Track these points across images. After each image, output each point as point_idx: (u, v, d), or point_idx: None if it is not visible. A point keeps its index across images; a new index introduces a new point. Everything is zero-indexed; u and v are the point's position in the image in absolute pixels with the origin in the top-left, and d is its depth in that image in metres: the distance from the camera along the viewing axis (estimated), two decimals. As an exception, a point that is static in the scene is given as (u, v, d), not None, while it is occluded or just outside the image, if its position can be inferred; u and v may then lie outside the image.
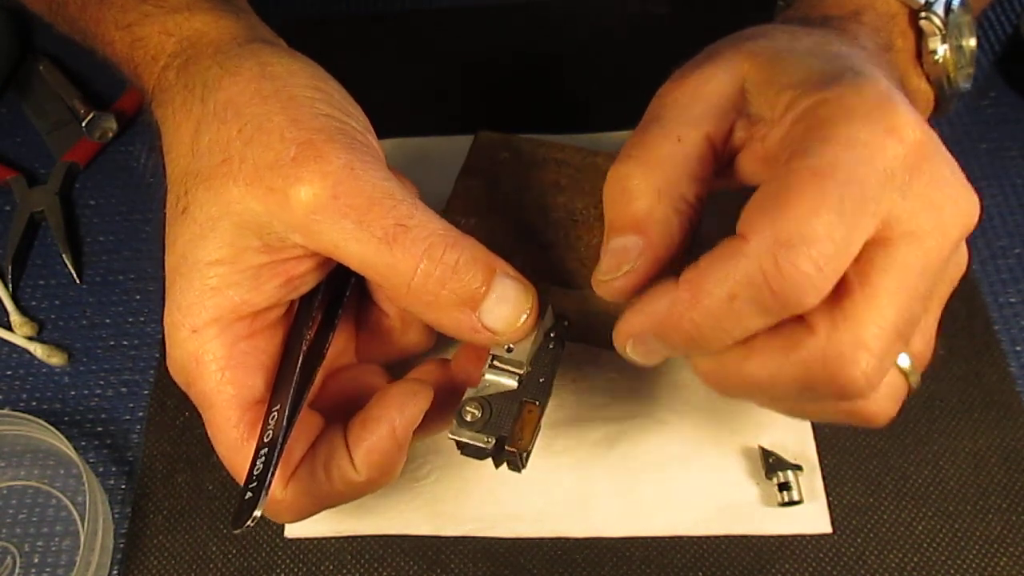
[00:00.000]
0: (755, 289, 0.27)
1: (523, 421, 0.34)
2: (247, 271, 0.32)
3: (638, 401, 0.44)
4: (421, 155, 0.54)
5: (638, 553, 0.40)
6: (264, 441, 0.32)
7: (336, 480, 0.33)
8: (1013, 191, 0.50)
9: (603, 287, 0.32)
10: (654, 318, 0.29)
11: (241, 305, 0.32)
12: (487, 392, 0.35)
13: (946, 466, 0.42)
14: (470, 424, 0.34)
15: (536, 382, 0.35)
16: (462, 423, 0.34)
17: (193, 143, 0.33)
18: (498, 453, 0.34)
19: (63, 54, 0.60)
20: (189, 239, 0.32)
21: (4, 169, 0.55)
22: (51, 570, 0.42)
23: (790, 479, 0.40)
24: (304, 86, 0.33)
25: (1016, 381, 0.44)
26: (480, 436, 0.34)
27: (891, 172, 0.27)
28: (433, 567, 0.40)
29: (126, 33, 0.38)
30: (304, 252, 0.32)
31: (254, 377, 0.33)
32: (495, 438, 0.34)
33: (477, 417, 0.34)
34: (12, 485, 0.45)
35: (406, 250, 0.31)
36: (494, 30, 0.60)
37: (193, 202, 0.32)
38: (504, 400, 0.34)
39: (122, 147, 0.57)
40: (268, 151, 0.31)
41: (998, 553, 0.39)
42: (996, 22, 0.58)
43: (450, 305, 0.32)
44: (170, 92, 0.35)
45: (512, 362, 0.35)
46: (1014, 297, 0.47)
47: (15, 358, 0.48)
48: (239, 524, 0.30)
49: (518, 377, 0.35)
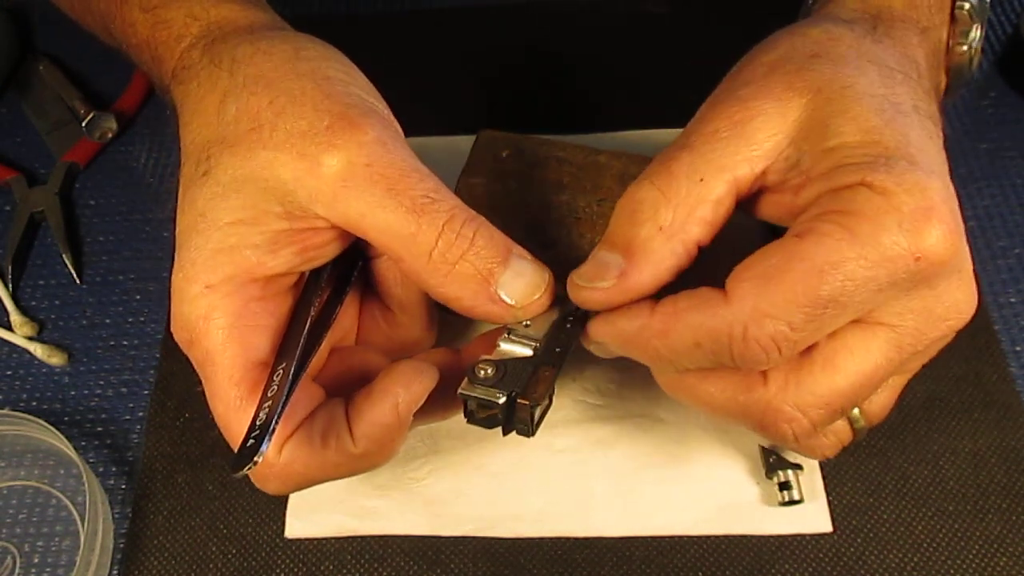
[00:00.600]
0: (719, 346, 0.30)
1: (538, 379, 0.33)
2: (266, 234, 0.33)
3: (638, 401, 0.44)
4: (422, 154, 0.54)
5: (638, 553, 0.40)
6: (267, 395, 0.32)
7: (332, 450, 0.33)
8: (1013, 191, 0.50)
9: (575, 290, 0.33)
10: (623, 335, 0.32)
11: (257, 267, 0.33)
12: (501, 357, 0.34)
13: (946, 466, 0.42)
14: (483, 380, 0.33)
15: (552, 351, 0.34)
16: (474, 379, 0.33)
17: (219, 113, 0.34)
18: (509, 414, 0.33)
19: (63, 54, 0.60)
20: (210, 198, 0.33)
21: (4, 169, 0.55)
22: (51, 570, 0.42)
23: (790, 478, 0.40)
24: (338, 69, 0.35)
25: (1016, 381, 0.44)
26: (493, 391, 0.33)
27: (895, 283, 0.28)
28: (433, 567, 0.40)
29: (150, 15, 0.39)
30: (324, 224, 0.33)
31: (260, 338, 0.33)
32: (507, 394, 0.32)
33: (490, 375, 0.33)
34: (12, 485, 0.45)
35: (431, 220, 0.32)
36: (494, 30, 0.60)
37: (217, 165, 0.33)
38: (519, 363, 0.33)
39: (122, 147, 0.57)
40: (301, 120, 0.32)
41: (998, 553, 0.39)
42: (996, 22, 0.58)
43: (468, 276, 0.32)
44: (194, 69, 0.36)
45: (528, 335, 0.34)
46: (1014, 297, 0.47)
47: (15, 358, 0.48)
48: (238, 468, 0.30)
49: (534, 346, 0.34)
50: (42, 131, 0.57)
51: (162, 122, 0.57)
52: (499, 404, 0.32)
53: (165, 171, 0.55)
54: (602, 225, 0.38)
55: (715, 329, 0.29)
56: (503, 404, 0.32)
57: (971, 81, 0.39)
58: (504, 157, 0.45)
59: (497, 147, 0.45)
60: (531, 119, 0.55)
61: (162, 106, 0.58)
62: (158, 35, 0.38)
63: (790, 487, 0.40)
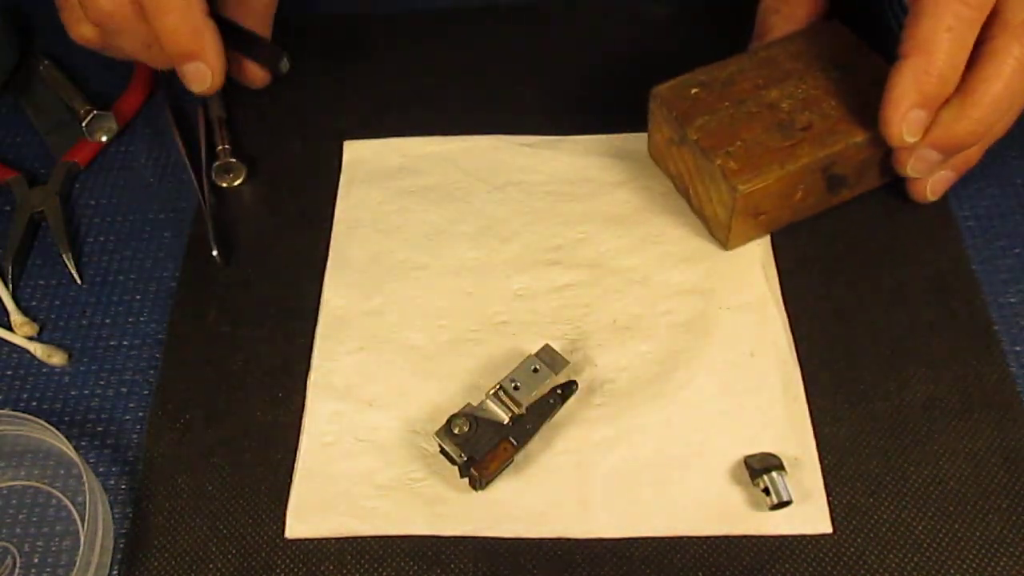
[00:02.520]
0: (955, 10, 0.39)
1: (496, 453, 0.40)
2: None
3: (638, 401, 0.44)
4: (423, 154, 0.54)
5: (638, 553, 0.40)
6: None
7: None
8: (1013, 191, 0.50)
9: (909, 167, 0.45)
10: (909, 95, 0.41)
11: None
12: (481, 414, 0.41)
13: (946, 466, 0.42)
14: (454, 436, 0.40)
15: (524, 427, 0.41)
16: (448, 433, 0.40)
17: None
18: (465, 469, 0.40)
19: (63, 54, 0.60)
20: None
21: (4, 169, 0.55)
22: (51, 570, 0.42)
23: (775, 482, 0.40)
24: None
25: (1016, 381, 0.44)
26: (457, 450, 0.40)
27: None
28: (433, 567, 0.41)
29: None
30: None
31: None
32: (467, 457, 0.40)
33: (463, 432, 0.40)
34: (12, 485, 0.45)
35: None
36: (494, 31, 0.60)
37: None
38: (491, 428, 0.40)
39: (122, 147, 0.57)
40: None
41: (998, 553, 0.39)
42: (996, 22, 0.58)
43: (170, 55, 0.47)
44: None
45: (515, 400, 0.41)
46: (1014, 297, 0.47)
47: (15, 358, 0.48)
48: None
49: (511, 416, 0.41)
50: (42, 131, 0.57)
51: (162, 122, 0.57)
52: (456, 463, 0.40)
53: (165, 171, 0.55)
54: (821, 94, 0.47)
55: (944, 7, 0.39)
56: (461, 464, 0.40)
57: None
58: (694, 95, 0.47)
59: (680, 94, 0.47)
60: (531, 120, 0.55)
61: (162, 106, 0.58)
62: None
63: (773, 490, 0.40)
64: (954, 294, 0.47)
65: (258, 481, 0.43)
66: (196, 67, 0.47)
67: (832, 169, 0.46)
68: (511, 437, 0.40)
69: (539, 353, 0.43)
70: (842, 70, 0.47)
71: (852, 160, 0.46)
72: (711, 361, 0.44)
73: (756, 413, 0.43)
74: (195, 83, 0.48)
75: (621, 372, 0.44)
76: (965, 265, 0.47)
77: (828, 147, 0.45)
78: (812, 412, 0.43)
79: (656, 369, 0.45)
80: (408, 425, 0.44)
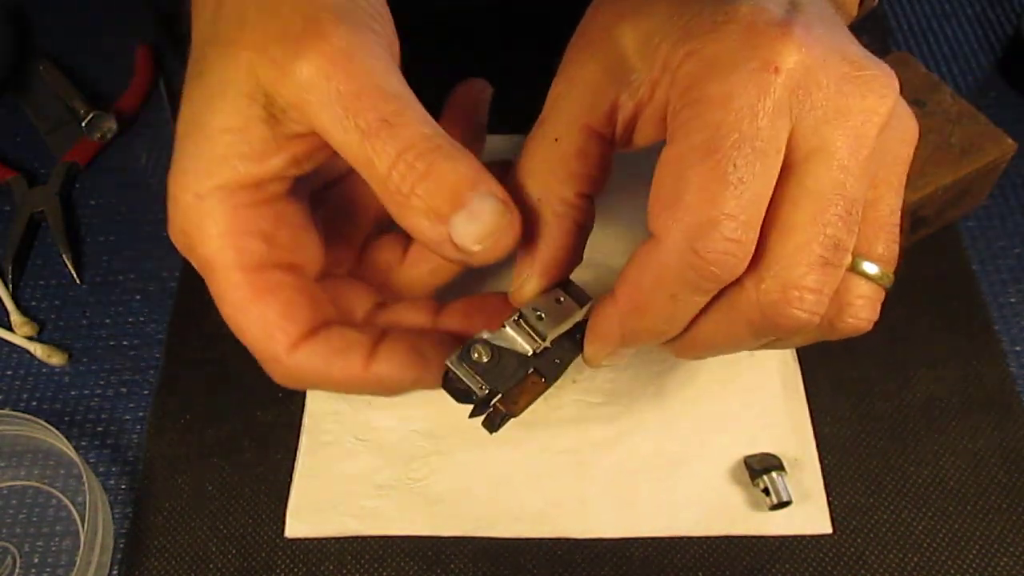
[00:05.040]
0: (688, 281, 0.28)
1: (524, 388, 0.33)
2: (253, 142, 0.32)
3: (638, 401, 0.44)
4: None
5: (638, 553, 0.40)
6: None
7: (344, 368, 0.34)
8: (1013, 191, 0.50)
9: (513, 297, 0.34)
10: (613, 339, 0.31)
11: (245, 176, 0.32)
12: (501, 344, 0.33)
13: (946, 466, 0.42)
14: (473, 363, 0.32)
15: (552, 361, 0.34)
16: (466, 359, 0.32)
17: (215, 12, 0.33)
18: (484, 405, 0.33)
19: (63, 54, 0.60)
20: (200, 102, 0.33)
21: (4, 169, 0.55)
22: (51, 570, 0.42)
23: (774, 482, 0.40)
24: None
25: (1016, 381, 0.44)
26: (478, 380, 0.32)
27: (779, 104, 0.27)
28: (433, 567, 0.40)
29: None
30: (307, 129, 0.32)
31: (255, 243, 0.33)
32: (490, 389, 0.32)
33: (483, 361, 0.32)
34: (12, 485, 0.45)
35: (384, 147, 0.30)
36: (494, 31, 0.60)
37: (207, 66, 0.33)
38: (516, 359, 0.33)
39: (122, 147, 0.56)
40: (277, 21, 0.31)
41: (998, 553, 0.39)
42: (996, 22, 0.58)
43: (419, 212, 0.31)
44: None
45: (536, 329, 0.33)
46: (1014, 297, 0.47)
47: (15, 358, 0.48)
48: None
49: (537, 346, 0.33)
50: (42, 131, 0.57)
51: (162, 122, 0.57)
52: (476, 396, 0.32)
53: (165, 171, 0.55)
54: None
55: (672, 270, 0.28)
56: (480, 397, 0.32)
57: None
58: None
59: None
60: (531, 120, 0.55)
61: (162, 106, 0.58)
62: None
63: (772, 490, 0.40)
64: (954, 294, 0.47)
65: (258, 481, 0.43)
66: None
67: (919, 212, 0.44)
68: (537, 370, 0.33)
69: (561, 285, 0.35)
70: (916, 105, 0.45)
71: (938, 201, 0.45)
72: (711, 361, 0.44)
73: (756, 413, 0.43)
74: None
75: (621, 371, 0.44)
76: (965, 265, 0.47)
77: (919, 191, 0.43)
78: (812, 412, 0.43)
79: (656, 369, 0.44)
80: (408, 425, 0.44)
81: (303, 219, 0.35)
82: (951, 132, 0.43)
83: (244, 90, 0.31)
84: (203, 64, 0.33)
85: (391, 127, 0.30)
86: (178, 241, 0.34)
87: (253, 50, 0.31)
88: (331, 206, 0.38)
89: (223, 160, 0.32)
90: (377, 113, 0.30)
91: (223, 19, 0.33)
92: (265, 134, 0.32)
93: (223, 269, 0.33)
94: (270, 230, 0.34)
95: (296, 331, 0.33)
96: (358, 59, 0.30)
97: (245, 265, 0.33)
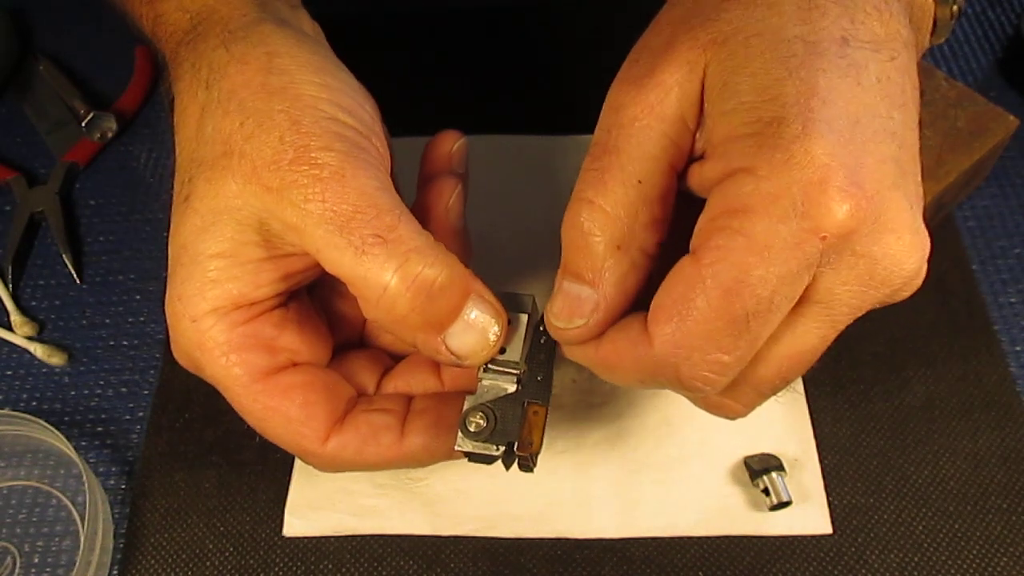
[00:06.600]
0: (660, 382, 0.29)
1: (530, 424, 0.33)
2: (246, 265, 0.32)
3: (638, 401, 0.44)
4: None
5: (638, 553, 0.40)
6: None
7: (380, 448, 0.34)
8: (1013, 191, 0.50)
9: (555, 331, 0.32)
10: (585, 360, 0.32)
11: (239, 297, 0.33)
12: (487, 397, 0.33)
13: (946, 466, 0.42)
14: (476, 435, 0.33)
15: (535, 381, 0.34)
16: (467, 434, 0.33)
17: (198, 130, 0.34)
18: (508, 458, 0.33)
19: (63, 54, 0.60)
20: (190, 230, 0.33)
21: (4, 169, 0.55)
22: (51, 570, 0.42)
23: (774, 482, 0.40)
24: (310, 83, 0.33)
25: (1016, 381, 0.44)
26: (489, 446, 0.33)
27: (809, 266, 0.26)
28: (433, 567, 0.40)
29: (149, 9, 0.38)
30: (300, 250, 0.32)
31: (259, 355, 0.33)
32: (504, 445, 0.33)
33: (482, 427, 0.33)
34: (12, 485, 0.45)
35: (378, 265, 0.30)
36: (494, 31, 0.60)
37: (194, 193, 0.33)
38: (507, 403, 0.33)
39: (122, 147, 0.57)
40: (266, 149, 0.31)
41: (998, 553, 0.39)
42: (996, 22, 0.58)
43: (415, 327, 0.31)
44: (182, 70, 0.35)
45: (507, 363, 0.34)
46: (1014, 297, 0.47)
47: (15, 358, 0.48)
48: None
49: (516, 378, 0.34)
50: (42, 131, 0.57)
51: (162, 122, 0.57)
52: (497, 456, 0.33)
53: (165, 171, 0.55)
54: None
55: (651, 370, 0.29)
56: (501, 455, 0.33)
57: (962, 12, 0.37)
58: None
59: None
60: (531, 120, 0.55)
61: (162, 106, 0.58)
62: (157, 31, 0.38)
63: (772, 491, 0.40)
64: (954, 294, 0.47)
65: (256, 479, 0.43)
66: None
67: (943, 200, 0.44)
68: (532, 400, 0.34)
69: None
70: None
71: (957, 186, 0.45)
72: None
73: (756, 413, 0.43)
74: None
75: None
76: (965, 265, 0.47)
77: (942, 181, 0.43)
78: (812, 412, 0.43)
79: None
80: (408, 425, 0.44)
81: (303, 315, 0.35)
82: (956, 116, 0.43)
83: (236, 217, 0.32)
84: (190, 189, 0.33)
85: (384, 243, 0.31)
86: (185, 363, 0.34)
87: (243, 179, 0.31)
88: (327, 288, 0.38)
89: (215, 284, 0.32)
90: (371, 229, 0.31)
91: (206, 141, 0.33)
92: (257, 256, 0.33)
93: (234, 386, 0.33)
94: (272, 338, 0.34)
95: (322, 425, 0.34)
96: (348, 179, 0.31)
97: (255, 377, 0.33)
